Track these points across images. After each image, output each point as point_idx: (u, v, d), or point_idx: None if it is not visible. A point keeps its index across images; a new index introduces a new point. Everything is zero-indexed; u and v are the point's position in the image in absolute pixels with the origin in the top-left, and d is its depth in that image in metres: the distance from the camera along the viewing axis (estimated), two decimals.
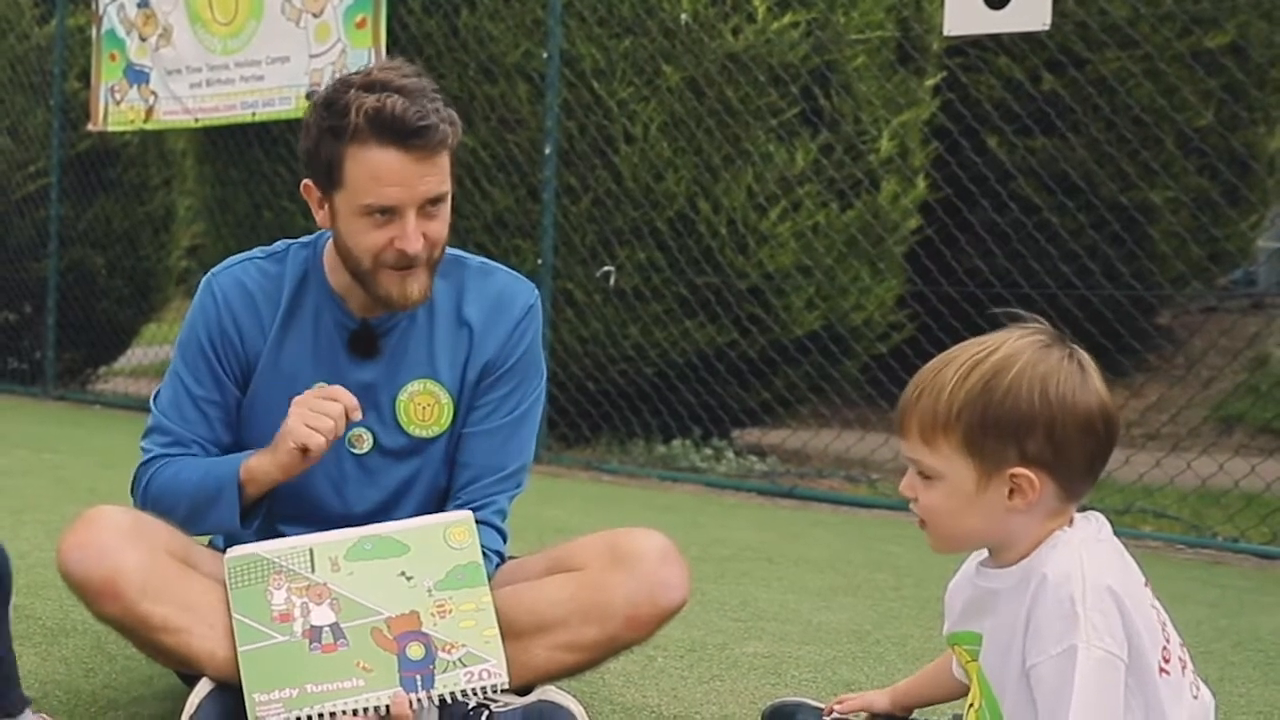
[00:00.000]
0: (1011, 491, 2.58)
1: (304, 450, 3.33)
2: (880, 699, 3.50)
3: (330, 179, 3.44)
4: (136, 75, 12.13)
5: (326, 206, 3.51)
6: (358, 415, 3.38)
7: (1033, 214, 11.39)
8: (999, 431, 2.55)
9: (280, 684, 3.21)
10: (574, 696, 3.43)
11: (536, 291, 3.81)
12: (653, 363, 9.95)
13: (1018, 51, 11.81)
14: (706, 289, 9.72)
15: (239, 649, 3.25)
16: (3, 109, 14.40)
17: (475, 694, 3.27)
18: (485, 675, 3.27)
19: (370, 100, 3.33)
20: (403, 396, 3.66)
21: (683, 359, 9.92)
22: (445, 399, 3.68)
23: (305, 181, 3.54)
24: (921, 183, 10.52)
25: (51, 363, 13.88)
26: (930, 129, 10.78)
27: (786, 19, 9.60)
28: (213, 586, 3.40)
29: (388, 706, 3.20)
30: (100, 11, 12.42)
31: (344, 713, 3.19)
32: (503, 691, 3.38)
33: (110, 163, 14.31)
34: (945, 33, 8.18)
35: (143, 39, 12.02)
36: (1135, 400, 11.61)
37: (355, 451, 3.66)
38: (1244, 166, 12.51)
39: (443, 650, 3.28)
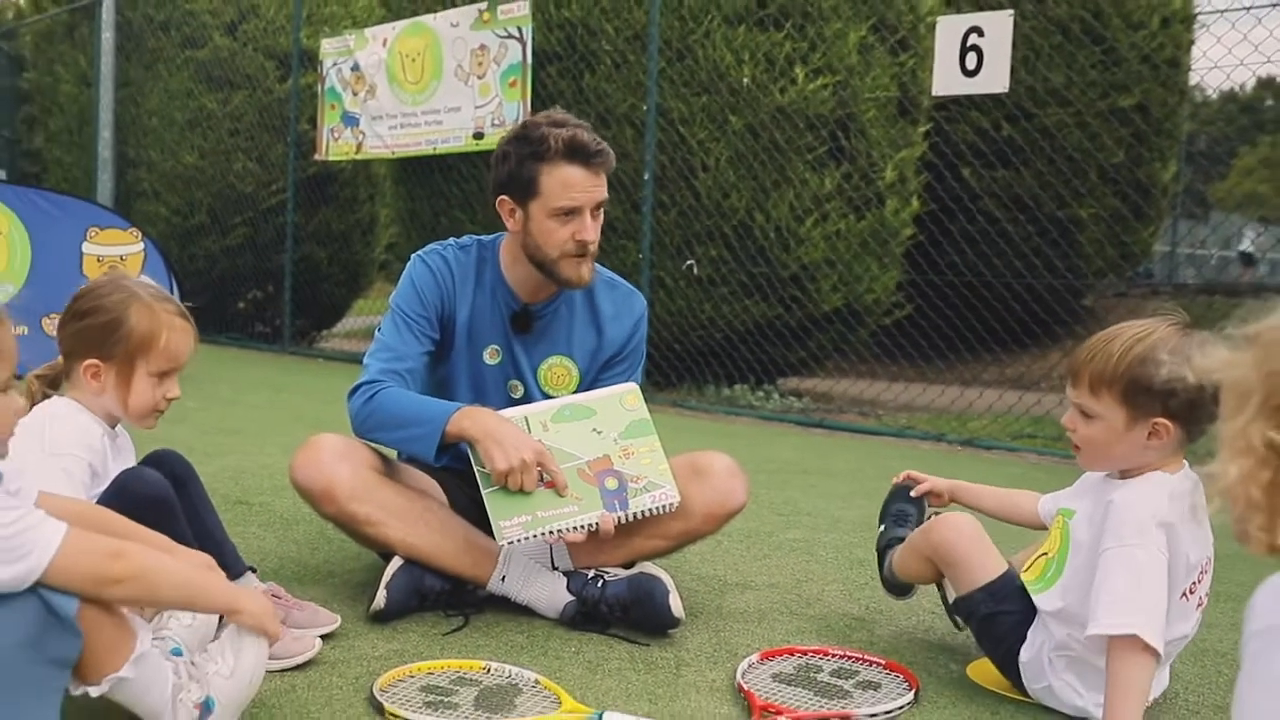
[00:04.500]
0: (1150, 434, 2.67)
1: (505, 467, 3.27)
2: (941, 483, 3.50)
3: (527, 191, 3.48)
4: (350, 120, 12.19)
5: (518, 214, 3.53)
6: (564, 493, 3.29)
7: (995, 224, 11.39)
8: (1150, 392, 2.63)
9: (517, 512, 3.23)
10: (664, 570, 3.46)
11: (645, 301, 3.85)
12: (721, 329, 9.93)
13: (985, 107, 11.72)
14: (760, 276, 9.69)
15: (483, 492, 3.27)
16: (253, 144, 14.48)
17: (657, 511, 3.31)
18: (664, 497, 3.31)
19: (564, 132, 3.42)
20: (544, 366, 3.70)
21: (742, 327, 9.90)
22: (575, 372, 3.72)
23: (501, 197, 3.54)
24: (915, 201, 10.43)
25: (288, 327, 13.95)
26: (922, 163, 10.70)
27: (819, 82, 9.55)
28: (403, 491, 3.45)
29: (597, 524, 3.23)
30: (324, 73, 12.49)
31: (566, 529, 3.22)
32: (609, 568, 3.45)
33: (330, 183, 14.39)
34: (933, 93, 8.14)
35: (355, 94, 12.08)
36: (1066, 360, 11.52)
37: (513, 395, 3.69)
38: (1146, 192, 12.50)
39: (631, 481, 3.31)
